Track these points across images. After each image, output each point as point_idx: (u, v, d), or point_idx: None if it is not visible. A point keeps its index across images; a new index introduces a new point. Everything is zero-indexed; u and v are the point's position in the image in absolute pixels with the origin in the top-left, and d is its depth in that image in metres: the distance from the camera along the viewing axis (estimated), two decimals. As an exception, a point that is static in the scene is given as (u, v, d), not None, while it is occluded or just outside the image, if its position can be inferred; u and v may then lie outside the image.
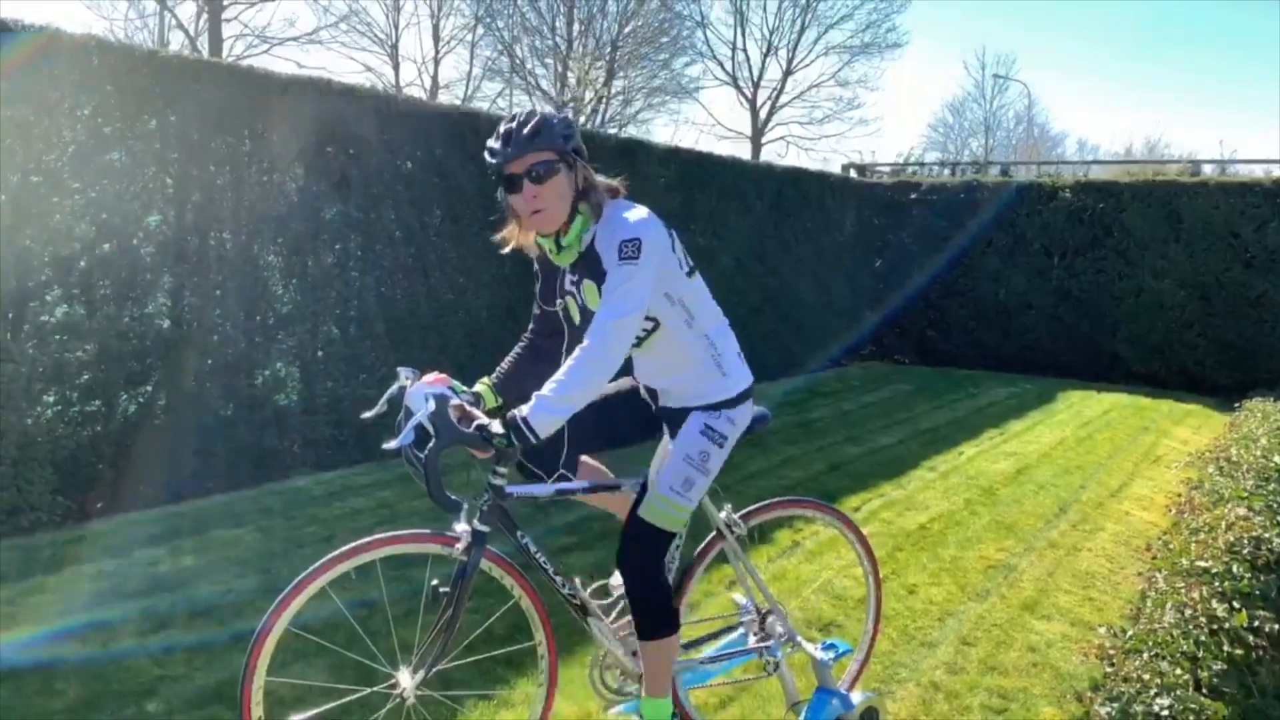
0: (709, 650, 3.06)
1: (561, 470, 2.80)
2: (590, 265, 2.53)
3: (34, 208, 4.93)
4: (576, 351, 2.39)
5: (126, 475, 5.42)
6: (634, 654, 2.82)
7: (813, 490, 6.13)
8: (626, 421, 2.84)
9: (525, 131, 2.42)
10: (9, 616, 3.89)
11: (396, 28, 30.01)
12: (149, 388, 5.53)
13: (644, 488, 2.72)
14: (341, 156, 6.48)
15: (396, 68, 30.20)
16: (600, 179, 2.56)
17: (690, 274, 2.62)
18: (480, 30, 30.08)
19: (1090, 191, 12.33)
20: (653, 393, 2.80)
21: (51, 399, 5.10)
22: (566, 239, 2.53)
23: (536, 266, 2.77)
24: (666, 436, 2.77)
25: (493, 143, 2.47)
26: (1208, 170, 12.87)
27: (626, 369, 2.78)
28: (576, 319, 2.68)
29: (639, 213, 2.50)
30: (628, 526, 2.66)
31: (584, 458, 2.85)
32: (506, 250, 2.68)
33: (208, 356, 5.80)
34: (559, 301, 2.71)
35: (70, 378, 5.15)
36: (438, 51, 30.49)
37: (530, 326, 2.85)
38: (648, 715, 2.71)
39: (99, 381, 5.27)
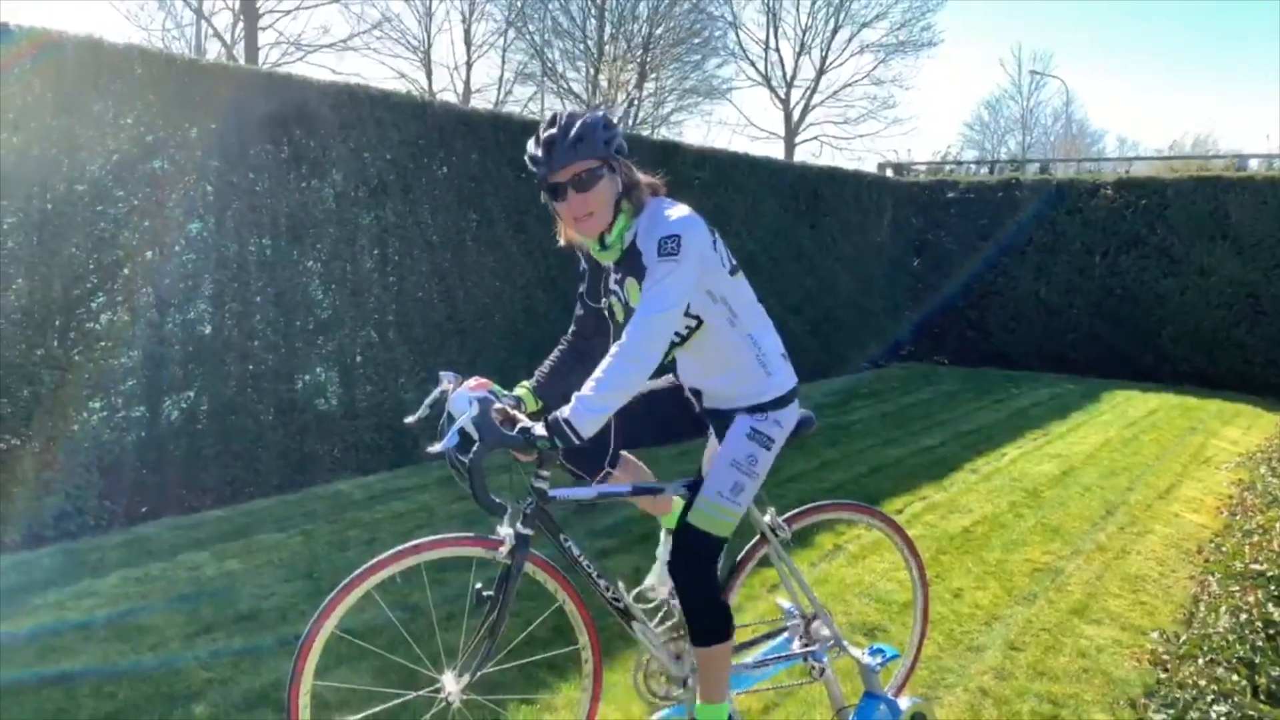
0: (754, 655, 3.02)
1: (606, 469, 2.77)
2: (632, 263, 2.51)
3: (79, 216, 5.00)
4: (614, 348, 2.37)
5: (170, 480, 5.49)
6: (678, 658, 2.80)
7: (854, 493, 6.06)
8: (673, 418, 2.81)
9: (568, 140, 2.39)
10: (59, 620, 3.94)
11: (429, 34, 30.25)
12: (191, 393, 5.59)
13: (691, 488, 2.69)
14: (378, 162, 6.52)
15: (429, 73, 30.44)
16: (642, 176, 2.54)
17: (733, 273, 2.59)
18: (512, 35, 30.27)
19: (1133, 188, 12.12)
20: (697, 394, 2.77)
21: (97, 405, 5.17)
22: (610, 238, 2.51)
23: (584, 265, 2.75)
24: (713, 438, 2.74)
25: (534, 150, 2.44)
26: (1254, 165, 12.60)
27: (669, 370, 2.75)
28: (620, 318, 2.66)
29: (679, 210, 2.48)
30: (677, 534, 2.63)
31: (626, 454, 2.82)
32: (562, 243, 2.67)
33: (249, 362, 5.86)
34: (604, 300, 2.69)
35: (115, 384, 5.22)
36: (470, 57, 30.69)
37: (572, 328, 2.83)
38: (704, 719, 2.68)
39: (143, 387, 5.34)
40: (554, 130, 2.42)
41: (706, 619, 2.61)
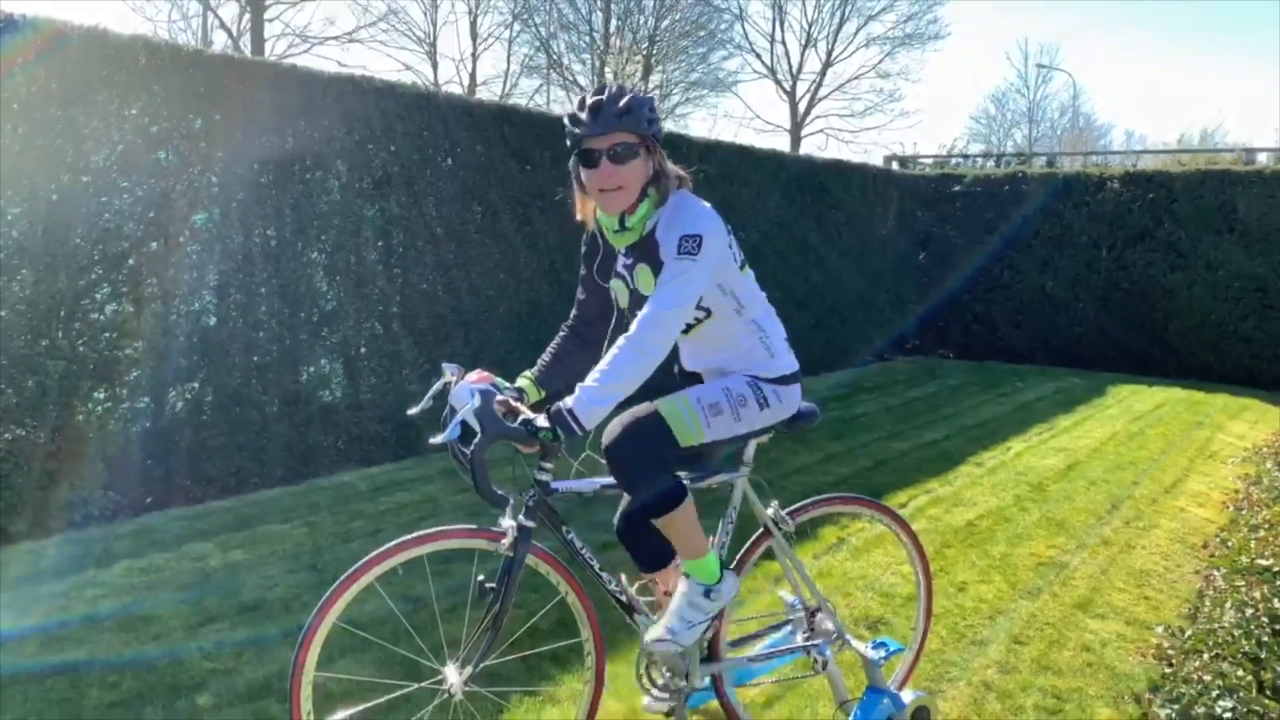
0: (756, 648, 3.02)
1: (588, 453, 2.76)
2: (648, 251, 2.50)
3: (83, 207, 5.00)
4: (621, 340, 2.36)
5: (175, 471, 5.50)
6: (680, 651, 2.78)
7: (858, 486, 6.06)
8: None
9: (616, 108, 2.40)
10: (63, 610, 3.95)
11: (435, 26, 30.25)
12: (196, 384, 5.60)
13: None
14: (383, 153, 6.51)
15: (435, 65, 30.41)
16: (671, 167, 2.53)
17: (742, 267, 2.60)
18: (517, 27, 30.24)
19: (1140, 182, 12.06)
20: (697, 379, 2.75)
21: (102, 396, 5.17)
22: (631, 221, 2.50)
23: (585, 248, 2.73)
24: None
25: (579, 111, 2.43)
26: (1263, 159, 12.54)
27: (672, 359, 2.74)
28: (624, 303, 2.64)
29: (703, 208, 2.49)
30: (633, 408, 2.54)
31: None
32: (579, 218, 2.66)
33: (253, 353, 5.86)
34: (612, 281, 2.68)
35: (120, 375, 5.23)
36: (475, 49, 30.68)
37: (574, 312, 2.82)
38: (695, 573, 2.64)
39: (148, 378, 5.34)
40: (603, 96, 2.42)
41: (656, 493, 2.53)
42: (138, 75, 5.21)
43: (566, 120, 2.46)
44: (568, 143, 2.49)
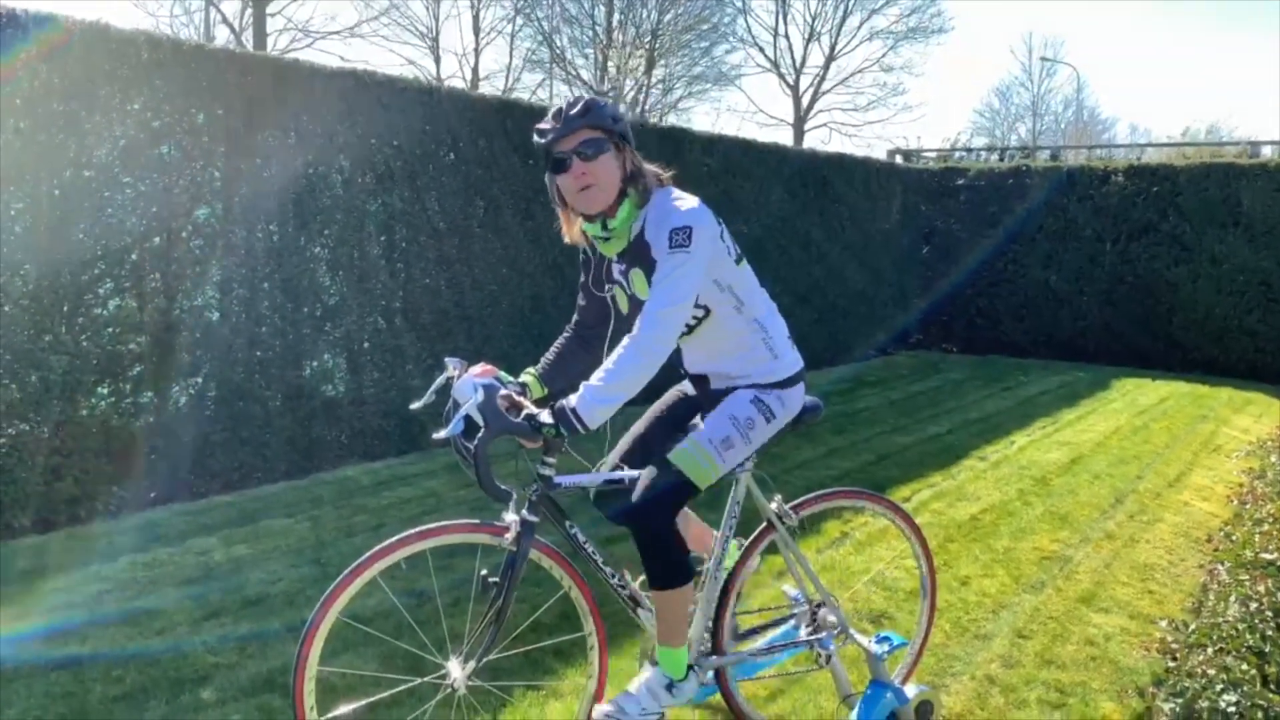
0: (760, 642, 3.02)
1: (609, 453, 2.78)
2: (639, 254, 2.50)
3: (86, 202, 5.00)
4: (624, 340, 2.37)
5: (179, 466, 5.50)
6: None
7: (861, 480, 6.05)
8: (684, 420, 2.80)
9: (575, 109, 2.42)
10: (68, 605, 3.96)
11: (437, 20, 30.40)
12: (199, 379, 5.60)
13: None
14: (385, 148, 6.50)
15: (437, 60, 30.50)
16: (648, 166, 2.53)
17: (738, 261, 2.59)
18: (520, 21, 30.25)
19: (1144, 175, 12.03)
20: (703, 381, 2.75)
21: (105, 390, 5.18)
22: (614, 223, 2.49)
23: (584, 255, 2.74)
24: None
25: (542, 125, 2.46)
26: (1267, 152, 12.49)
27: (675, 362, 2.74)
28: (624, 308, 2.64)
29: (689, 201, 2.47)
30: (650, 470, 2.57)
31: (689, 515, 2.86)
32: (568, 240, 2.66)
33: (256, 348, 5.86)
34: (607, 288, 2.68)
35: (123, 370, 5.23)
36: (478, 43, 30.70)
37: (575, 318, 2.82)
38: (664, 664, 2.64)
39: (151, 373, 5.34)
40: (562, 105, 2.46)
41: (664, 562, 2.55)
42: (140, 70, 5.20)
43: (535, 135, 2.47)
44: (541, 158, 2.50)
